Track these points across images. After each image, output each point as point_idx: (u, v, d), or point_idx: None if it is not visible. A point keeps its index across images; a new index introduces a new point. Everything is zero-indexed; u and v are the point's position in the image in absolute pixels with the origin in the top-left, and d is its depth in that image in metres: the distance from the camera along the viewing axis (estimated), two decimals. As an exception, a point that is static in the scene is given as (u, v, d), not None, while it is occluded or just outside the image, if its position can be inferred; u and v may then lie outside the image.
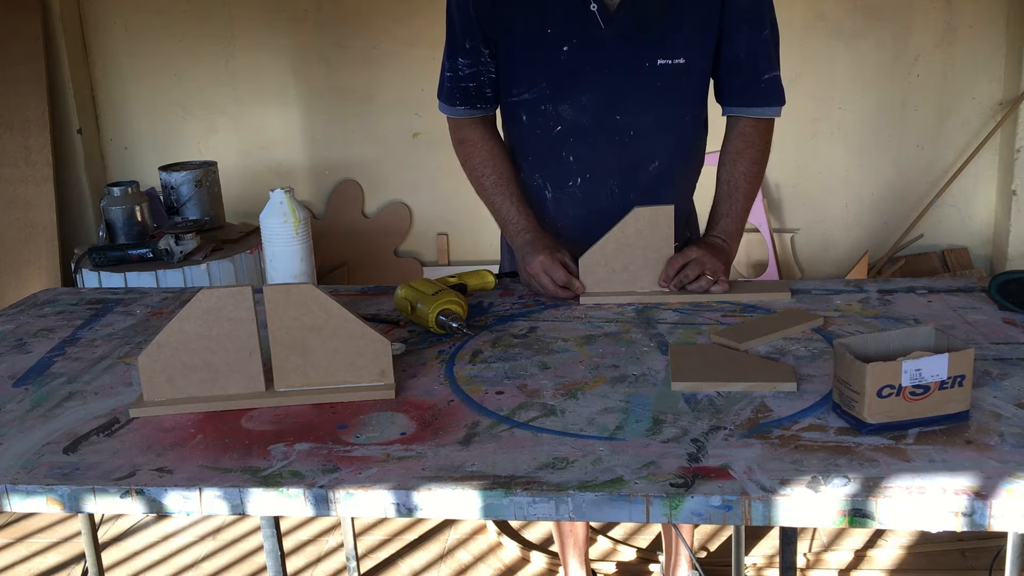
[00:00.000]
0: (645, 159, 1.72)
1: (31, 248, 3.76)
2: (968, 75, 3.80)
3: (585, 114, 1.67)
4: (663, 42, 1.63)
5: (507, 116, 1.77)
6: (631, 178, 1.72)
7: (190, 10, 3.97)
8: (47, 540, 2.67)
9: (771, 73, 1.71)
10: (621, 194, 1.73)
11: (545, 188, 1.76)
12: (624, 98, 1.66)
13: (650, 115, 1.68)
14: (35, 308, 1.76)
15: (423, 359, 1.41)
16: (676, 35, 1.63)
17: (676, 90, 1.68)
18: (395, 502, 1.04)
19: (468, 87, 1.71)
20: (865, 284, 1.68)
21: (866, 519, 0.98)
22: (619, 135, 1.69)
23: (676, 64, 1.64)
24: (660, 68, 1.64)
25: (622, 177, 1.72)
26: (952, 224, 3.96)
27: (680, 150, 1.76)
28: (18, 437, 1.20)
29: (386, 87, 3.99)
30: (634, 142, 1.69)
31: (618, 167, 1.71)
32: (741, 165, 1.74)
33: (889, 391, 1.09)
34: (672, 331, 1.48)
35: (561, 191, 1.75)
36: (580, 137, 1.70)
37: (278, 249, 1.64)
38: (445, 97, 1.75)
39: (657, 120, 1.69)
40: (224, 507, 1.07)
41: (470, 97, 1.72)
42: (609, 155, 1.70)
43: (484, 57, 1.69)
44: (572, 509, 1.02)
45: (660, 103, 1.68)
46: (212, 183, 3.32)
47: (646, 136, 1.70)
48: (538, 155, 1.74)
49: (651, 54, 1.63)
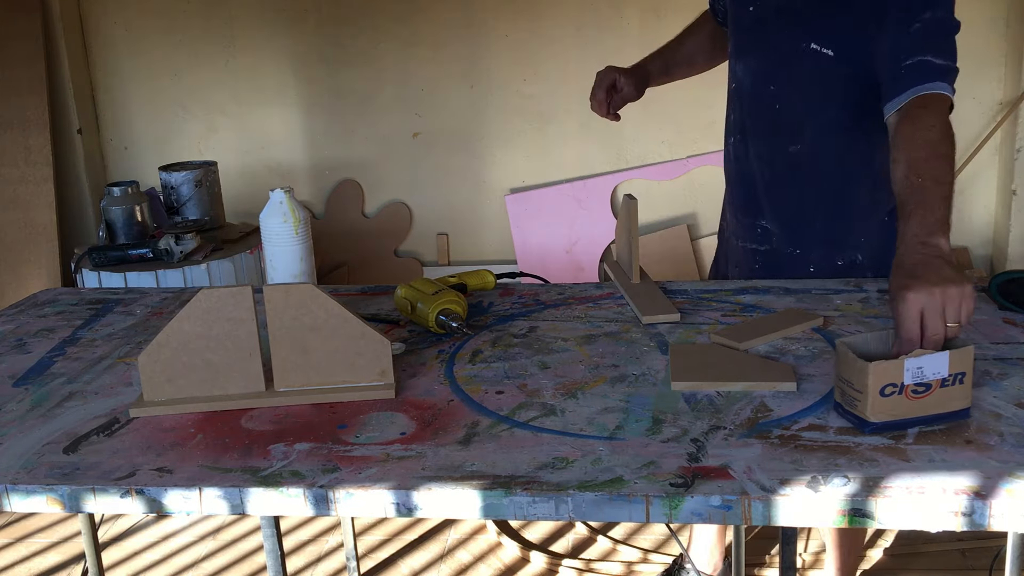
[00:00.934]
0: (786, 138, 1.72)
1: (31, 248, 3.76)
2: (968, 74, 3.77)
3: (748, 76, 1.76)
4: (814, 27, 1.64)
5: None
6: (775, 153, 1.75)
7: (190, 10, 3.97)
8: (47, 540, 2.67)
9: (915, 58, 1.48)
10: (761, 165, 1.78)
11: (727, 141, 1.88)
12: (776, 72, 1.71)
13: (797, 95, 1.69)
14: (35, 308, 1.76)
15: (423, 359, 1.41)
16: (826, 23, 1.63)
17: (822, 81, 1.65)
18: (395, 502, 1.04)
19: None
20: (865, 284, 1.68)
21: (866, 519, 0.98)
22: (766, 104, 1.74)
23: (824, 54, 1.63)
24: (811, 52, 1.64)
25: (765, 148, 1.76)
26: (952, 224, 3.95)
27: (823, 147, 1.68)
28: (18, 437, 1.20)
29: (386, 87, 3.99)
30: (779, 117, 1.72)
31: (763, 138, 1.76)
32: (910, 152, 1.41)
33: (892, 390, 1.09)
34: (672, 331, 1.48)
35: (728, 144, 1.87)
36: (739, 97, 1.80)
37: (278, 249, 1.64)
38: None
39: (804, 104, 1.69)
40: (224, 507, 1.07)
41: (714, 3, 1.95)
42: (757, 123, 1.76)
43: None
44: (572, 509, 1.02)
45: (807, 89, 1.67)
46: (212, 183, 3.32)
47: (790, 116, 1.71)
48: (728, 109, 1.87)
49: (805, 36, 1.65)
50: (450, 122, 3.98)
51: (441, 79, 3.95)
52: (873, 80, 1.56)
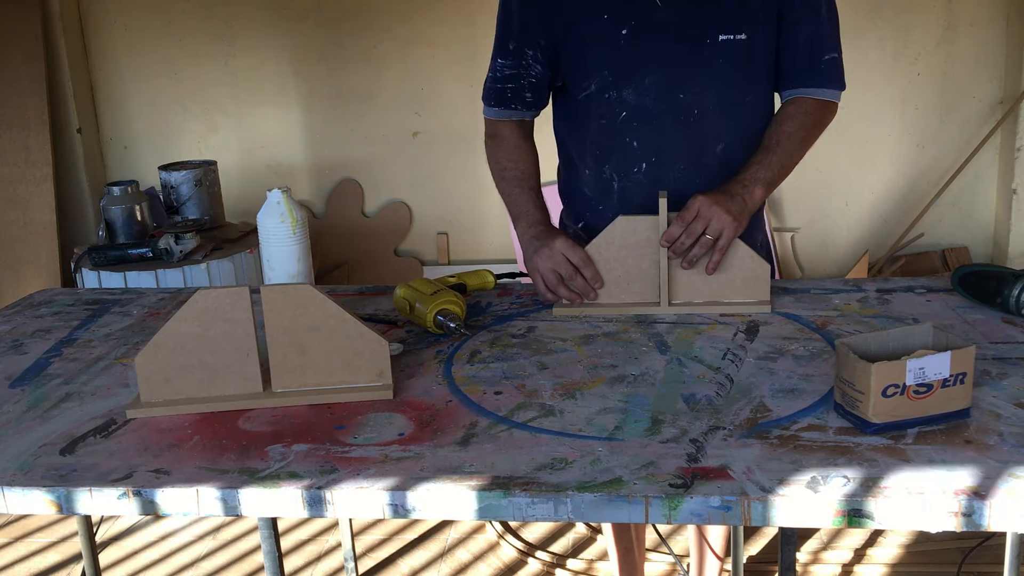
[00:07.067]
0: (711, 141, 1.66)
1: (31, 248, 3.75)
2: (968, 74, 3.80)
3: (648, 96, 1.64)
4: (723, 18, 1.59)
5: (575, 117, 1.72)
6: (697, 161, 1.67)
7: (190, 9, 3.96)
8: (46, 539, 2.67)
9: (831, 55, 1.65)
10: (687, 178, 1.67)
11: (612, 179, 1.72)
12: (686, 77, 1.62)
13: (713, 94, 1.63)
14: (32, 309, 1.76)
15: (421, 359, 1.41)
16: (736, 10, 1.59)
17: (738, 68, 1.63)
18: (393, 503, 1.03)
19: (506, 89, 1.69)
20: (864, 283, 1.68)
21: (865, 519, 0.98)
22: (683, 115, 1.64)
23: (738, 40, 1.60)
24: (722, 44, 1.60)
25: (688, 160, 1.67)
26: (952, 223, 3.95)
27: (745, 134, 1.69)
28: (15, 438, 1.20)
29: (386, 86, 3.99)
30: (698, 122, 1.65)
31: (684, 150, 1.67)
32: (788, 125, 1.65)
33: (893, 390, 1.09)
34: (671, 331, 1.48)
35: (627, 179, 1.71)
36: (644, 120, 1.65)
37: (275, 249, 1.63)
38: (484, 96, 1.74)
39: (720, 100, 1.64)
40: (221, 508, 1.06)
41: (505, 99, 1.70)
42: (674, 137, 1.66)
43: (527, 59, 1.65)
44: (571, 510, 1.01)
45: (723, 82, 1.63)
46: (212, 182, 3.31)
47: (710, 116, 1.64)
48: (604, 146, 1.70)
49: (712, 30, 1.59)
50: (450, 122, 3.98)
51: (441, 79, 3.94)
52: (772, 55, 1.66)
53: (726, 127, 1.67)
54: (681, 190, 1.61)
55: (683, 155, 1.67)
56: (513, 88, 1.68)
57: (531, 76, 1.67)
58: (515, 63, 1.66)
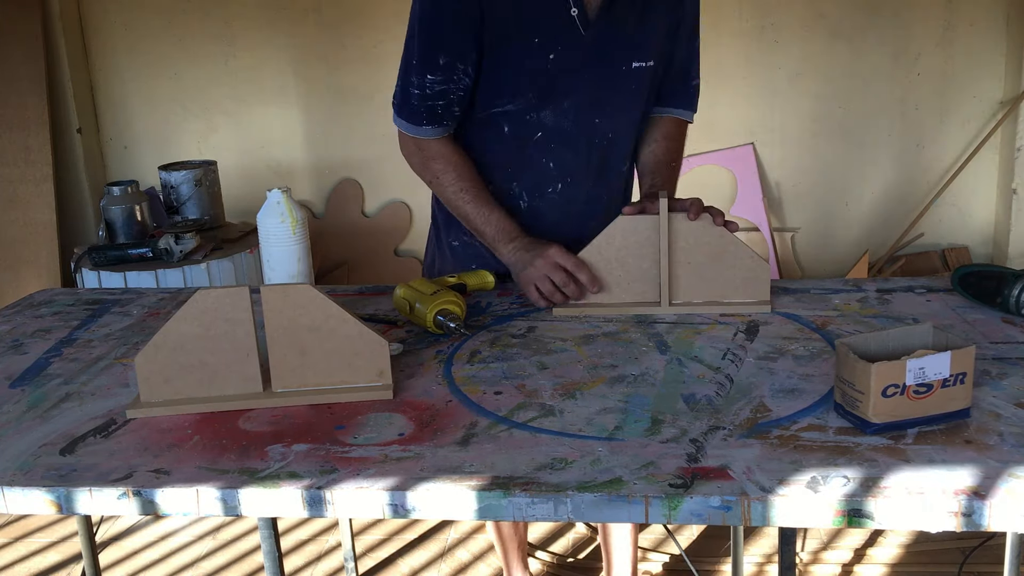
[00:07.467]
0: (618, 160, 1.77)
1: (31, 247, 3.75)
2: (968, 73, 3.80)
3: (566, 118, 1.67)
4: (636, 45, 1.65)
5: (484, 127, 1.70)
6: (604, 180, 1.77)
7: (190, 9, 3.96)
8: (46, 539, 2.67)
9: (696, 80, 1.82)
10: (595, 196, 1.76)
11: (520, 197, 1.73)
12: (603, 101, 1.68)
13: (623, 117, 1.72)
14: (31, 309, 1.76)
15: (421, 359, 1.41)
16: (647, 38, 1.66)
17: (644, 92, 1.72)
18: (393, 503, 1.03)
19: (436, 105, 1.64)
20: (864, 283, 1.68)
21: (865, 519, 0.98)
22: (598, 138, 1.71)
23: (648, 67, 1.68)
24: (635, 71, 1.67)
25: (597, 179, 1.76)
26: (953, 223, 3.96)
27: (634, 150, 1.82)
28: (15, 438, 1.20)
29: (386, 86, 3.95)
30: (611, 145, 1.74)
31: (596, 170, 1.75)
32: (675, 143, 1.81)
33: (893, 390, 1.09)
34: (671, 331, 1.48)
35: (539, 198, 1.73)
36: (561, 142, 1.69)
37: (275, 249, 1.63)
38: (408, 115, 1.66)
39: (628, 122, 1.74)
40: (221, 508, 1.06)
41: (437, 116, 1.64)
42: (589, 158, 1.72)
43: (458, 73, 1.61)
44: (571, 510, 1.01)
45: (632, 105, 1.72)
46: (212, 182, 3.32)
47: (620, 138, 1.75)
48: (516, 164, 1.71)
49: (627, 57, 1.65)
50: (450, 121, 3.97)
51: (441, 78, 3.94)
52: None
53: (629, 147, 1.78)
54: (589, 210, 1.73)
55: (594, 175, 1.75)
56: (443, 104, 1.64)
57: (460, 90, 1.63)
58: (446, 78, 1.61)
